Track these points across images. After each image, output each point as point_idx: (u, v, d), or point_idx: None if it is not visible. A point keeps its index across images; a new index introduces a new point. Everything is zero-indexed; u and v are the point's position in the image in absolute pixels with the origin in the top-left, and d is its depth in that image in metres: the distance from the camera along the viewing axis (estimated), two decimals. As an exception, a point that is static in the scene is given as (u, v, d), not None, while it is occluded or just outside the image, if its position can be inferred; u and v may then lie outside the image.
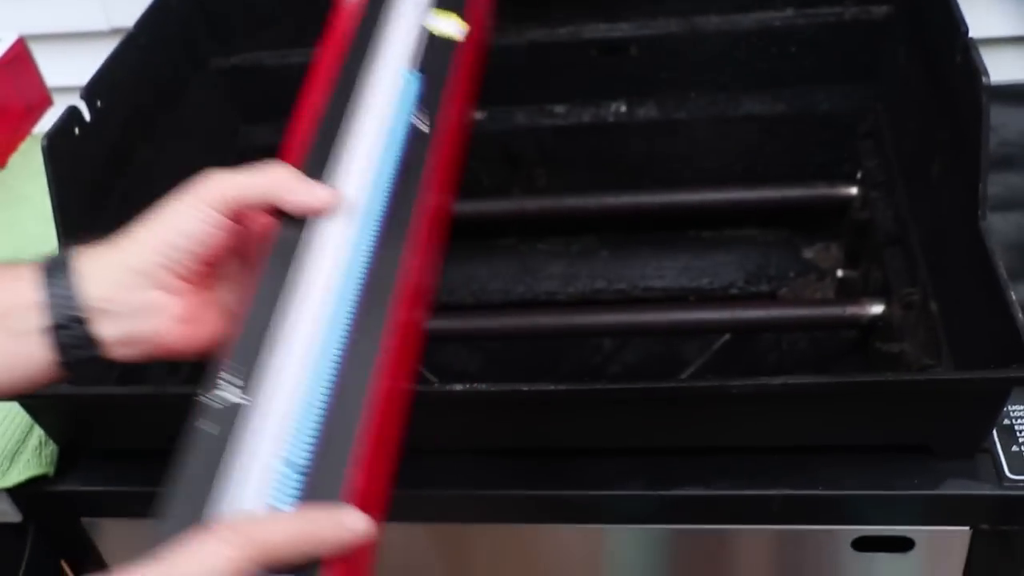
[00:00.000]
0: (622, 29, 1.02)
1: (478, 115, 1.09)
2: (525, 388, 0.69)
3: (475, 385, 0.69)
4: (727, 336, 1.12)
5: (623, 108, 1.07)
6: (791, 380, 0.68)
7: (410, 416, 0.75)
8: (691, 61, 1.03)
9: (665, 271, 1.14)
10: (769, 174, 1.09)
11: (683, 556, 0.79)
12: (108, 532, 0.85)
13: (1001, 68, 0.79)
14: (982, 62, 0.71)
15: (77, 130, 0.83)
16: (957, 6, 0.78)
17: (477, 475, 0.76)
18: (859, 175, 1.02)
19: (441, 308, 1.18)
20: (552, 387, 0.69)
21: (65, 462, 0.82)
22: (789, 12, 0.99)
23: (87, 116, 0.84)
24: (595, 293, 1.15)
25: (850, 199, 1.01)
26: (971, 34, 0.74)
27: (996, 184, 0.80)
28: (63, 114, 0.81)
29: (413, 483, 0.77)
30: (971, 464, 0.72)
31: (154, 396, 0.74)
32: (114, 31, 1.21)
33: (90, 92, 0.85)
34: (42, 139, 0.78)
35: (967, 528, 0.73)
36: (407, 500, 0.77)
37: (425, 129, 0.63)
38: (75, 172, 0.83)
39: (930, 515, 0.73)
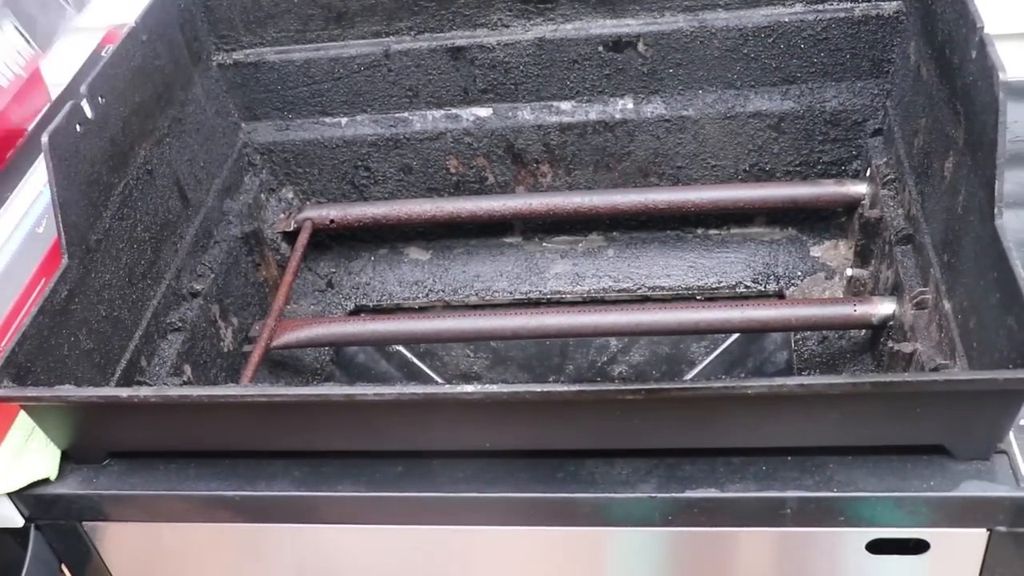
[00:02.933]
0: (629, 25, 1.02)
1: (483, 112, 1.08)
2: (538, 389, 0.68)
3: (486, 387, 0.68)
4: (735, 336, 1.11)
5: (630, 105, 1.06)
6: (807, 381, 0.67)
7: (420, 418, 0.75)
8: (699, 57, 1.02)
9: (672, 270, 1.13)
10: (777, 171, 1.08)
11: (696, 559, 0.78)
12: (108, 536, 0.83)
13: (1009, 65, 0.78)
14: (998, 58, 0.70)
15: (79, 127, 0.82)
16: (972, 1, 0.77)
17: (486, 478, 0.75)
18: (868, 172, 1.01)
19: (446, 307, 1.18)
20: (565, 388, 0.68)
21: (66, 466, 0.80)
22: (798, 8, 0.99)
23: (89, 113, 0.83)
24: (601, 292, 1.14)
25: (859, 197, 1.00)
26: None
27: (1009, 181, 0.79)
28: (65, 111, 0.80)
29: (420, 486, 0.76)
30: (988, 465, 0.71)
31: (155, 398, 0.73)
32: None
33: (92, 89, 0.84)
34: (43, 137, 0.76)
35: (984, 530, 0.72)
36: (414, 503, 0.76)
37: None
38: (76, 170, 0.82)
39: (946, 517, 0.72)
